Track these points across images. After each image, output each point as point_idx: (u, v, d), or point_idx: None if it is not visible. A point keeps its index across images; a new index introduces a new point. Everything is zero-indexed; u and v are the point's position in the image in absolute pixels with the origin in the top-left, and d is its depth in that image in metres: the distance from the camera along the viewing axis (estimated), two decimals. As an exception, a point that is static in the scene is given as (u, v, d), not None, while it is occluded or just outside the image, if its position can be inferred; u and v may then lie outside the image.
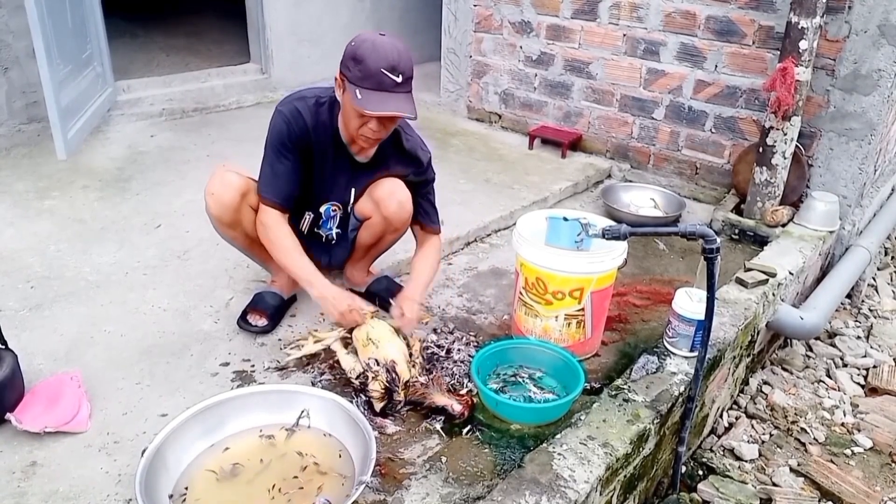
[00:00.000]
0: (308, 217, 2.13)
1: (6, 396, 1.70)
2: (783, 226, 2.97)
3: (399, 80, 1.80)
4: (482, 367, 1.95)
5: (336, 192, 2.11)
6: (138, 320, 2.19)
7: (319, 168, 2.03)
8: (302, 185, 2.02)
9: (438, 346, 2.08)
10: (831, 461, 2.35)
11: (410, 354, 1.93)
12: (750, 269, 2.50)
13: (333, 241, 2.23)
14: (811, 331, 2.69)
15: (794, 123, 2.84)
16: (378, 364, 1.83)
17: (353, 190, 2.12)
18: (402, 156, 2.10)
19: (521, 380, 2.00)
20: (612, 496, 1.72)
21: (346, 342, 1.99)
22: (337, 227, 2.20)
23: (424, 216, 2.19)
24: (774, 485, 2.24)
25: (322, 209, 2.13)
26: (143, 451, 1.54)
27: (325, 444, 1.71)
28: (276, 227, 1.99)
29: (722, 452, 2.38)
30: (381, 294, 2.29)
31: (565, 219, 1.97)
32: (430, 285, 2.19)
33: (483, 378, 1.93)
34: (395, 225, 2.13)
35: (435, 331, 2.20)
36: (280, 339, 2.14)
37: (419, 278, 2.14)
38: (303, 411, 1.74)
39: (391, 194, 2.07)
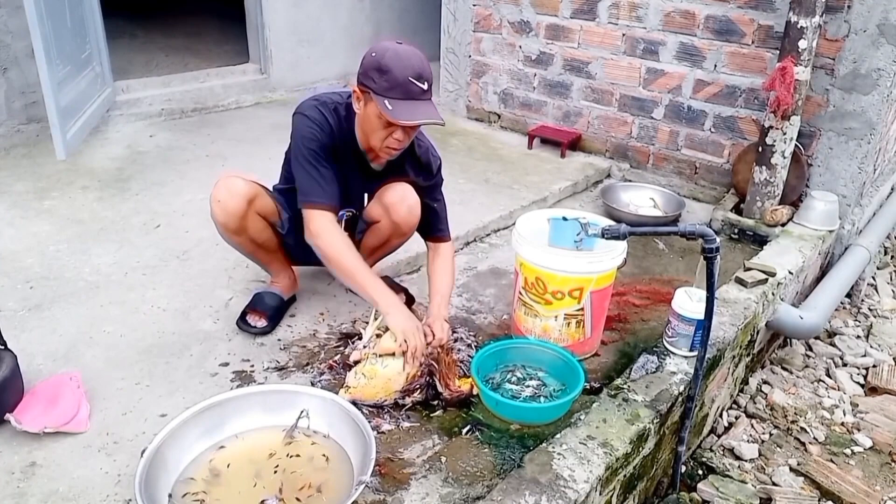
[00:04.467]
0: None
1: (6, 397, 1.70)
2: (783, 225, 2.97)
3: (425, 87, 1.80)
4: (482, 366, 1.95)
5: (352, 199, 2.11)
6: (138, 320, 2.19)
7: (339, 175, 2.02)
8: None
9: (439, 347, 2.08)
10: (831, 461, 2.35)
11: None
12: (749, 269, 2.50)
13: None
14: (811, 330, 2.69)
15: (793, 123, 2.84)
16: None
17: (366, 196, 2.13)
18: (414, 161, 2.09)
19: (510, 379, 1.99)
20: (611, 496, 1.72)
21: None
22: (346, 231, 2.20)
23: (435, 224, 2.16)
24: (774, 484, 2.24)
25: (337, 216, 2.13)
26: (143, 451, 1.54)
27: (325, 444, 1.71)
28: (331, 235, 1.89)
29: (722, 452, 2.38)
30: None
31: (565, 219, 1.97)
32: (450, 297, 2.16)
33: (483, 378, 1.93)
34: (402, 230, 2.13)
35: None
36: (280, 340, 2.14)
37: (441, 292, 2.07)
38: (302, 411, 1.74)
39: (402, 199, 2.07)
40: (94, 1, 3.65)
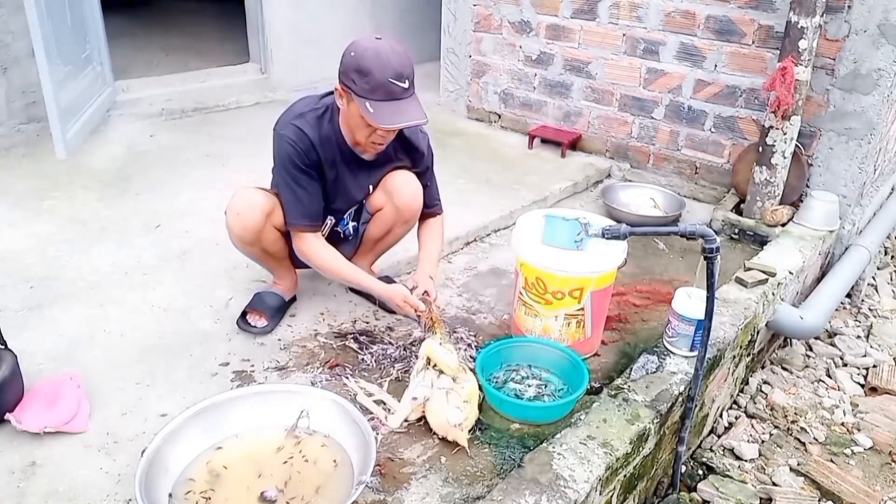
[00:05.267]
0: (329, 222, 2.15)
1: (6, 396, 1.70)
2: (783, 225, 2.97)
3: (406, 86, 1.80)
4: (486, 365, 1.95)
5: (354, 195, 2.13)
6: (138, 320, 2.19)
7: (333, 178, 2.04)
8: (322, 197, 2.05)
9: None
10: (831, 461, 2.35)
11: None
12: (750, 269, 2.50)
13: (350, 237, 2.25)
14: (811, 330, 2.69)
15: (793, 123, 2.84)
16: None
17: (370, 187, 2.15)
18: (404, 145, 2.11)
19: (513, 378, 1.99)
20: (611, 496, 1.72)
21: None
22: (352, 221, 2.23)
23: (429, 200, 2.22)
24: (774, 484, 2.24)
25: (322, 229, 2.15)
26: (143, 451, 1.54)
27: (333, 446, 1.71)
28: (318, 252, 2.04)
29: (722, 452, 2.38)
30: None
31: (565, 218, 1.97)
32: (440, 259, 2.25)
33: (487, 376, 1.93)
34: (405, 216, 2.15)
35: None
36: (280, 340, 2.15)
37: (430, 254, 2.19)
38: (302, 411, 1.74)
39: (405, 184, 2.11)
40: (95, 0, 3.65)
